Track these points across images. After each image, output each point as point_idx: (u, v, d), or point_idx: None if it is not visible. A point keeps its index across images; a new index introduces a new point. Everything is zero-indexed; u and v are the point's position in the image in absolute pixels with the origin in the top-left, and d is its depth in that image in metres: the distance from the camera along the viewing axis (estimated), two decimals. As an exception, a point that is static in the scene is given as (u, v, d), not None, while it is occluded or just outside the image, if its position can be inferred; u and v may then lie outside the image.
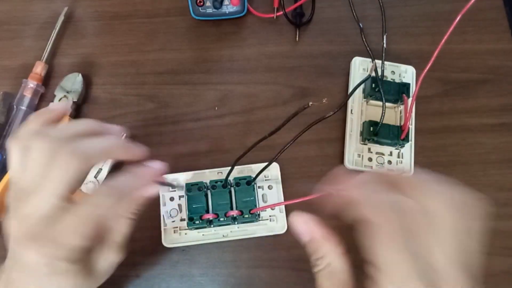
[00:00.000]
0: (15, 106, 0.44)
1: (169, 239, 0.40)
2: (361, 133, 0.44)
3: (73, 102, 0.44)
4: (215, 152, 0.44)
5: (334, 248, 0.25)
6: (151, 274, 0.41)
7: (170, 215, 0.41)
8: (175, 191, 0.41)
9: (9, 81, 0.47)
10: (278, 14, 0.49)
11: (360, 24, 0.43)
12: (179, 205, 0.41)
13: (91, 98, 0.46)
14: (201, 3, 0.47)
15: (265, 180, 0.42)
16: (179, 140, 0.45)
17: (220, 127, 0.46)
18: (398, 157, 0.44)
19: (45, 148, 0.25)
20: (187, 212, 0.40)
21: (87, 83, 0.47)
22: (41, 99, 0.46)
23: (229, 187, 0.40)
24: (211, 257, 0.41)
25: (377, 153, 0.44)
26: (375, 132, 0.42)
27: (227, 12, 0.48)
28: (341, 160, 0.44)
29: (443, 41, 0.34)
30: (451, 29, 0.33)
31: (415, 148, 0.44)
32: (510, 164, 0.45)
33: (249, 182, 0.40)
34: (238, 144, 0.45)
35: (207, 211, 0.39)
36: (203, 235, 0.41)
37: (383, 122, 0.42)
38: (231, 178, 0.40)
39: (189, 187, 0.40)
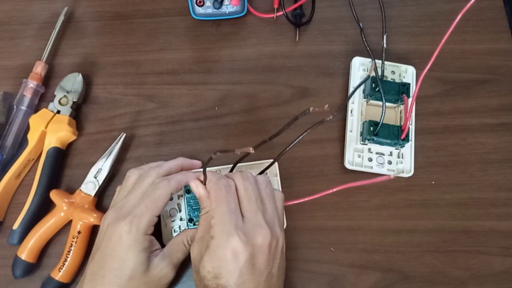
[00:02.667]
0: (15, 106, 0.44)
1: (168, 240, 0.39)
2: (361, 133, 0.44)
3: (73, 102, 0.44)
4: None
5: (210, 203, 0.35)
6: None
7: (170, 214, 0.40)
8: None
9: (9, 81, 0.47)
10: (278, 14, 0.49)
11: (360, 24, 0.43)
12: (178, 205, 0.41)
13: (91, 98, 0.47)
14: (201, 3, 0.47)
15: None
16: (179, 140, 0.45)
17: (220, 127, 0.46)
18: (398, 157, 0.44)
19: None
20: (186, 214, 0.40)
21: (87, 83, 0.47)
22: (41, 99, 0.46)
23: None
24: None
25: (377, 153, 0.44)
26: (375, 132, 0.42)
27: (227, 12, 0.48)
28: (341, 160, 0.44)
29: (443, 41, 0.34)
30: (451, 29, 0.33)
31: (415, 148, 0.44)
32: (510, 164, 0.45)
33: None
34: (238, 144, 0.45)
35: None
36: None
37: (383, 122, 0.42)
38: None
39: (188, 188, 0.39)
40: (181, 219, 0.41)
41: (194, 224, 0.39)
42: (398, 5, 0.50)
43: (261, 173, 0.38)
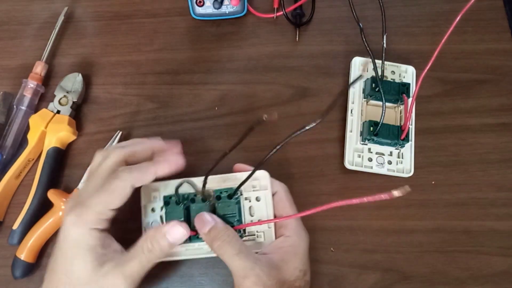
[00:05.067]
0: (15, 106, 0.44)
1: None
2: (361, 133, 0.44)
3: (73, 102, 0.44)
4: (215, 152, 0.44)
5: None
6: (151, 274, 0.40)
7: (152, 227, 0.37)
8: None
9: (9, 81, 0.47)
10: (278, 14, 0.49)
11: (360, 24, 0.43)
12: (161, 217, 0.37)
13: (91, 98, 0.47)
14: (201, 3, 0.47)
15: (253, 190, 0.36)
16: (179, 140, 0.45)
17: (220, 127, 0.46)
18: (398, 157, 0.44)
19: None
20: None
21: (87, 83, 0.47)
22: (41, 99, 0.46)
23: (210, 200, 0.35)
24: (210, 257, 0.41)
25: (377, 153, 0.44)
26: (375, 132, 0.42)
27: (227, 12, 0.48)
28: (341, 160, 0.44)
29: (443, 41, 0.34)
30: (451, 29, 0.33)
31: (415, 148, 0.44)
32: (510, 164, 0.45)
33: (231, 195, 0.35)
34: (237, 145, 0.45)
35: (189, 227, 0.35)
36: (186, 249, 0.36)
37: (383, 122, 0.42)
38: (212, 189, 0.35)
39: (167, 199, 0.36)
40: None
41: (188, 240, 0.35)
42: (398, 5, 0.50)
43: (240, 185, 0.35)
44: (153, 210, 0.37)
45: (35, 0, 0.50)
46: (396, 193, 0.25)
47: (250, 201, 0.36)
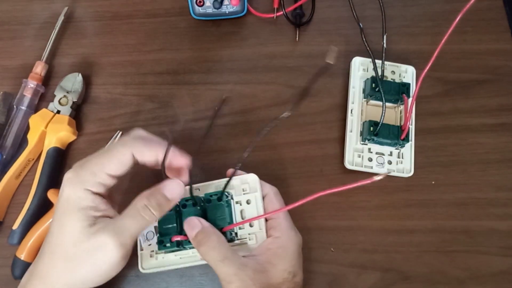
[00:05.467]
0: (15, 106, 0.44)
1: (146, 264, 0.37)
2: (361, 133, 0.44)
3: (73, 102, 0.44)
4: (215, 152, 0.44)
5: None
6: (151, 274, 0.41)
7: (147, 238, 0.37)
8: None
9: (9, 81, 0.47)
10: (278, 14, 0.49)
11: (360, 24, 0.43)
12: (156, 227, 0.37)
13: (91, 98, 0.47)
14: (201, 3, 0.47)
15: (244, 194, 0.37)
16: (179, 140, 0.45)
17: (220, 127, 0.46)
18: (398, 157, 0.44)
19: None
20: (157, 234, 0.36)
21: (87, 83, 0.47)
22: (41, 99, 0.46)
23: (201, 204, 0.36)
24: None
25: (377, 153, 0.44)
26: (375, 132, 0.42)
27: (227, 12, 0.48)
28: (341, 160, 0.44)
29: (443, 41, 0.34)
30: (451, 29, 0.33)
31: (415, 148, 0.44)
32: (510, 164, 0.45)
33: (220, 198, 0.35)
34: (238, 144, 0.45)
35: (180, 232, 0.35)
36: (180, 258, 0.36)
37: (383, 122, 0.42)
38: (202, 194, 0.36)
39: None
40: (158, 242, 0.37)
41: (165, 247, 0.35)
42: (398, 5, 0.50)
43: (224, 188, 0.35)
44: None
45: (35, 0, 0.50)
46: (377, 178, 0.26)
47: (241, 205, 0.37)
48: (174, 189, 0.32)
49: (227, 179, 0.36)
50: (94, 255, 0.30)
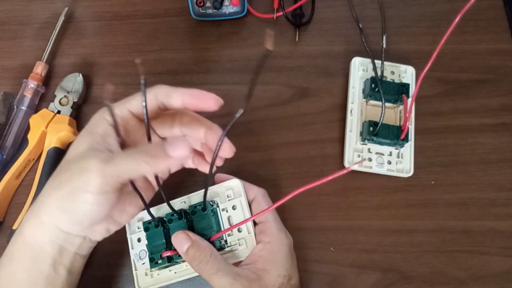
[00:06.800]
0: (15, 106, 0.44)
1: (142, 283, 0.37)
2: (361, 133, 0.44)
3: (74, 102, 0.44)
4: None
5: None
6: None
7: (140, 257, 0.37)
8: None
9: (9, 81, 0.47)
10: (278, 14, 0.49)
11: (360, 25, 0.43)
12: (147, 246, 0.37)
13: (92, 98, 0.47)
14: (201, 4, 0.47)
15: (228, 200, 0.36)
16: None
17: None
18: (398, 157, 0.44)
19: None
20: (148, 253, 0.36)
21: (88, 83, 0.47)
22: (42, 99, 0.46)
23: (187, 217, 0.35)
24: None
25: (377, 153, 0.44)
26: (374, 132, 0.42)
27: (227, 12, 0.48)
28: (341, 160, 0.44)
29: (443, 41, 0.34)
30: (451, 29, 0.33)
31: (414, 148, 0.44)
32: (510, 164, 0.45)
33: (204, 208, 0.35)
34: (237, 144, 0.44)
35: (170, 248, 0.35)
36: (175, 272, 0.36)
37: (383, 122, 0.42)
38: (187, 206, 0.36)
39: (146, 225, 0.36)
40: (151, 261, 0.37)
41: (157, 264, 0.35)
42: (398, 5, 0.50)
43: (204, 198, 0.35)
44: (139, 240, 0.37)
45: (35, 0, 0.50)
46: (355, 166, 0.26)
47: (227, 211, 0.36)
48: (177, 147, 0.27)
49: (212, 187, 0.36)
50: (76, 179, 0.28)
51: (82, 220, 0.30)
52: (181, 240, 0.33)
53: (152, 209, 0.37)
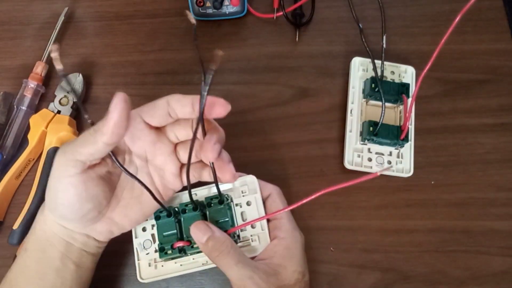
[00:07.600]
0: (15, 106, 0.44)
1: (145, 274, 0.36)
2: (361, 133, 0.44)
3: (74, 102, 0.44)
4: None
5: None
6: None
7: (144, 247, 0.37)
8: None
9: (9, 81, 0.47)
10: (278, 14, 0.49)
11: (360, 25, 0.43)
12: (153, 235, 0.37)
13: (92, 98, 0.47)
14: (201, 4, 0.47)
15: (243, 195, 0.37)
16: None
17: (220, 127, 0.46)
18: (398, 157, 0.44)
19: None
20: (157, 242, 0.36)
21: (88, 83, 0.47)
22: (42, 99, 0.46)
23: (202, 209, 0.35)
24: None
25: (376, 153, 0.44)
26: (374, 132, 0.42)
27: (227, 12, 0.48)
28: (341, 160, 0.44)
29: (443, 41, 0.34)
30: (451, 29, 0.33)
31: (414, 148, 0.44)
32: (510, 164, 0.45)
33: (221, 201, 0.35)
34: (237, 144, 0.45)
35: (181, 238, 0.35)
36: (181, 265, 0.36)
37: (383, 122, 0.42)
38: (202, 198, 0.36)
39: (157, 214, 0.35)
40: (156, 251, 0.37)
41: (166, 254, 0.35)
42: (398, 5, 0.50)
43: (219, 193, 0.35)
44: (144, 229, 0.37)
45: (35, 0, 0.50)
46: (378, 172, 0.27)
47: (241, 207, 0.37)
48: (116, 98, 0.29)
49: (220, 183, 0.35)
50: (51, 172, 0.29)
51: (63, 213, 0.30)
52: (202, 230, 0.33)
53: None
